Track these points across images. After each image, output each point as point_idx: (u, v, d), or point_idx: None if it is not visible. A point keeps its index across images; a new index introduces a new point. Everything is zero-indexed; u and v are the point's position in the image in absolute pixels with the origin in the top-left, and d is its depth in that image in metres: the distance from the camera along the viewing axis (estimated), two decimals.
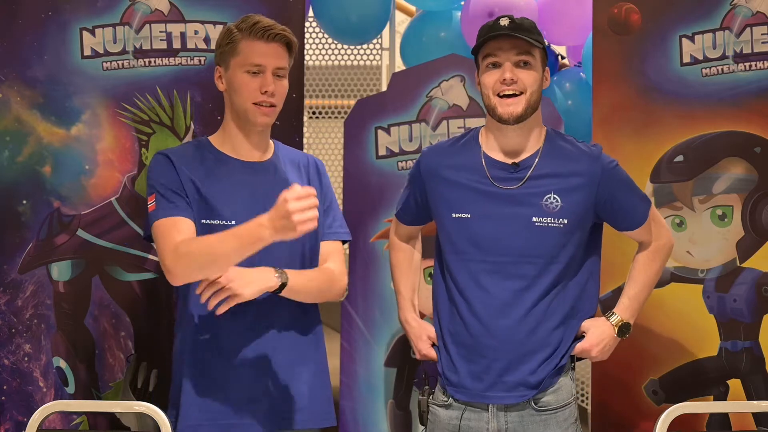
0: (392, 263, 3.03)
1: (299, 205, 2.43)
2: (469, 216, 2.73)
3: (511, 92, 2.68)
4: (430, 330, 2.88)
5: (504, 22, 2.69)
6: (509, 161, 2.74)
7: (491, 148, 2.77)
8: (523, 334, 2.69)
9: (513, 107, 2.68)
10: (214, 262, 2.59)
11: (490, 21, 2.74)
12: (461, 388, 2.73)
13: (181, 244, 2.63)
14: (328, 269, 2.85)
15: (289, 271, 2.72)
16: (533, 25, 2.72)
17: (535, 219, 2.70)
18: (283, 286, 2.69)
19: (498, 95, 2.70)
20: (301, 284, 2.74)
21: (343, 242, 2.94)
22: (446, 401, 2.77)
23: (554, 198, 2.71)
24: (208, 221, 2.72)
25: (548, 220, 2.70)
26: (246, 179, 2.78)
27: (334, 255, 2.89)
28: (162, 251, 2.67)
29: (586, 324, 2.78)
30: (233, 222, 2.70)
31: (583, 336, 2.77)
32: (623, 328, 2.79)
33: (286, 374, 2.77)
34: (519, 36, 2.67)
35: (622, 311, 2.81)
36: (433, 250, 2.90)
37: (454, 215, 2.75)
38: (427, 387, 2.84)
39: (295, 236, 2.48)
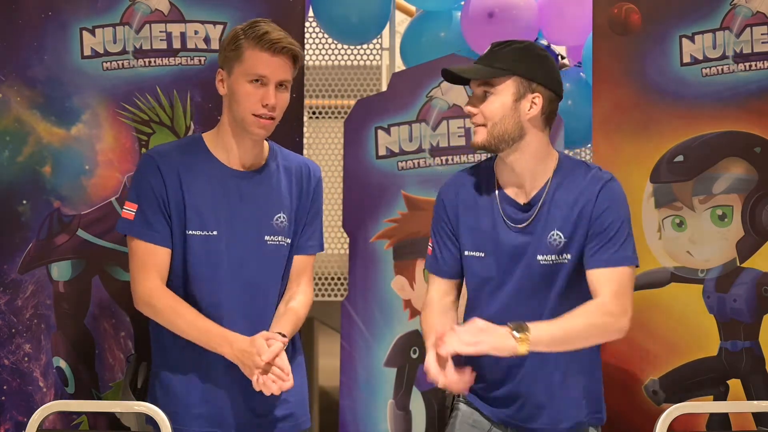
0: (421, 320, 2.78)
1: (270, 373, 2.60)
2: (482, 255, 2.68)
3: (473, 123, 2.65)
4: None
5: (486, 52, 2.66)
6: (520, 201, 2.67)
7: (503, 179, 2.71)
8: (537, 366, 2.64)
9: (476, 136, 2.64)
10: (173, 329, 2.71)
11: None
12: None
13: (153, 295, 2.71)
14: (300, 311, 2.80)
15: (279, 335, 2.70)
16: (511, 51, 2.60)
17: (540, 257, 2.63)
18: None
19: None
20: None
21: None
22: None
23: (557, 234, 2.63)
24: (190, 232, 2.72)
25: (552, 257, 2.63)
26: (233, 188, 2.75)
27: (306, 273, 2.85)
28: (135, 278, 2.73)
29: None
30: (215, 232, 2.71)
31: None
32: (518, 327, 2.46)
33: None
34: (454, 72, 2.61)
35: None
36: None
37: (467, 253, 2.71)
38: None
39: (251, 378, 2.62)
